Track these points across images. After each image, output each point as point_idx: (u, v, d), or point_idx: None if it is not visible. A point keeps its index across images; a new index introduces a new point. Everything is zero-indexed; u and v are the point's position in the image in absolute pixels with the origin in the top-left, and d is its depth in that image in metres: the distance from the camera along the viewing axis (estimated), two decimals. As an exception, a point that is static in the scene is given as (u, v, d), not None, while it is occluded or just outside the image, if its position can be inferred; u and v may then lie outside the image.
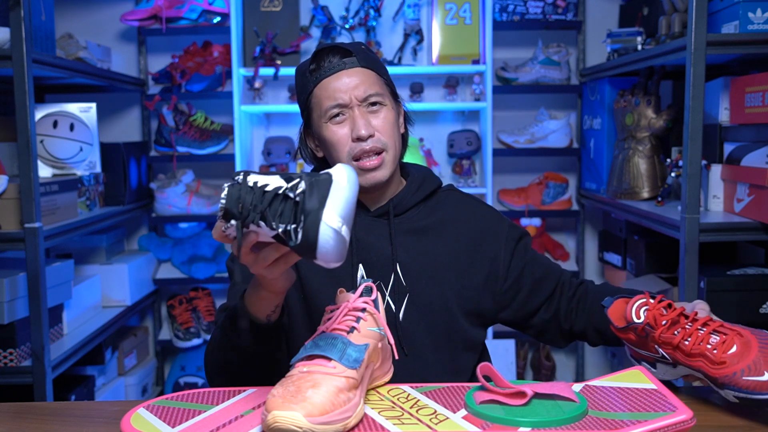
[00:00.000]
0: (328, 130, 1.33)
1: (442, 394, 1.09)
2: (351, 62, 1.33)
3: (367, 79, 1.33)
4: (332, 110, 1.32)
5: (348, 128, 1.32)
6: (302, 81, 1.37)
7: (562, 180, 3.10)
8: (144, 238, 3.18)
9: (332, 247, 0.93)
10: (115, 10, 3.13)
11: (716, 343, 1.08)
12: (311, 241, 0.93)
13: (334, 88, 1.32)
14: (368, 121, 1.32)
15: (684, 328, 1.11)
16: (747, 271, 2.16)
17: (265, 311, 1.15)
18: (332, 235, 0.93)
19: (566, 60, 3.05)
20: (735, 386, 1.04)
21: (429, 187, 1.43)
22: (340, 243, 0.94)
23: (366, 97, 1.32)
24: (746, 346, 1.06)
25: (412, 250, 1.37)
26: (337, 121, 1.33)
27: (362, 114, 1.32)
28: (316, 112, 1.35)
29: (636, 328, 1.15)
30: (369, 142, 1.31)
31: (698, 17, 1.94)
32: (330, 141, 1.33)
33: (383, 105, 1.34)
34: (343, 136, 1.32)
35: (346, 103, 1.32)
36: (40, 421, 1.12)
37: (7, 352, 2.15)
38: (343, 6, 3.07)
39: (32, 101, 2.07)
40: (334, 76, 1.32)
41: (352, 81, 1.32)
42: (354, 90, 1.31)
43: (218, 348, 1.25)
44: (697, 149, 1.99)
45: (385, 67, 1.41)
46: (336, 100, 1.31)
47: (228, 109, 3.05)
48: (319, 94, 1.33)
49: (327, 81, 1.32)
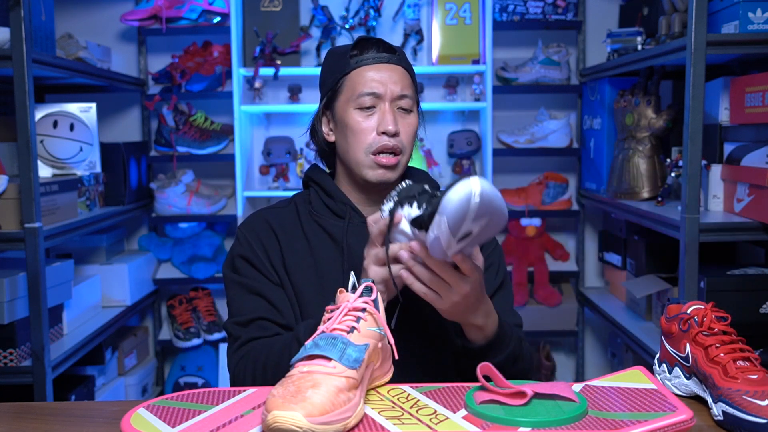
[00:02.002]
0: (353, 116, 1.32)
1: (442, 394, 1.09)
2: (395, 59, 1.34)
3: (404, 79, 1.34)
4: (365, 98, 1.31)
5: (375, 121, 1.31)
6: (338, 61, 1.35)
7: (562, 180, 3.10)
8: (144, 238, 3.18)
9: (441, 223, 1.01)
10: (115, 10, 3.13)
11: (742, 365, 1.09)
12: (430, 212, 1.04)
13: (372, 77, 1.31)
14: (397, 119, 1.32)
15: (724, 343, 1.12)
16: (747, 271, 2.16)
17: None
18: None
19: (566, 60, 3.05)
20: (730, 401, 1.04)
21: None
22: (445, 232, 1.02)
23: (401, 95, 1.32)
24: (765, 382, 1.06)
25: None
26: (367, 111, 1.32)
27: (392, 111, 1.32)
28: (346, 94, 1.33)
29: (682, 319, 1.16)
30: (393, 139, 1.31)
31: (698, 17, 1.94)
32: (352, 128, 1.32)
33: (411, 111, 1.35)
34: (367, 127, 1.32)
35: (381, 95, 1.31)
36: (40, 421, 1.12)
37: (7, 352, 2.15)
38: (343, 6, 3.07)
39: (32, 101, 2.07)
40: (377, 66, 1.32)
41: (393, 76, 1.32)
42: (392, 85, 1.31)
43: (264, 375, 1.23)
44: (697, 149, 1.99)
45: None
46: (372, 89, 1.31)
47: (228, 109, 3.05)
48: (354, 78, 1.32)
49: (368, 68, 1.32)
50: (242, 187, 2.96)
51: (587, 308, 3.16)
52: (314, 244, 1.36)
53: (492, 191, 1.00)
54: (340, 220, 1.37)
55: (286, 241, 1.37)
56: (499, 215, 1.04)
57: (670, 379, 1.21)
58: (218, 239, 3.16)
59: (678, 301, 1.24)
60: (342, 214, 1.37)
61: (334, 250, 1.35)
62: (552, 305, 3.10)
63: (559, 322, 3.13)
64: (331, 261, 1.35)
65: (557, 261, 3.19)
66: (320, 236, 1.36)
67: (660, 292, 2.53)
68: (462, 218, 1.00)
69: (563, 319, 3.14)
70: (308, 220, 1.39)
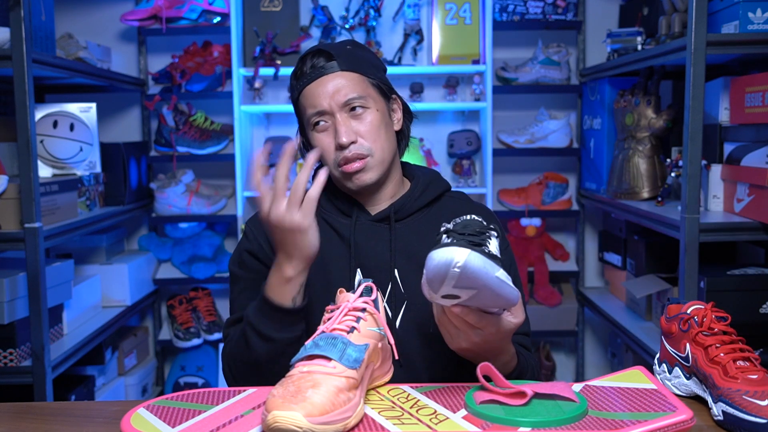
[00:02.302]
0: (314, 138, 1.33)
1: (442, 394, 1.09)
2: (331, 67, 1.31)
3: (348, 83, 1.31)
4: (314, 118, 1.31)
5: (330, 135, 1.31)
6: (290, 87, 1.37)
7: (562, 180, 3.10)
8: (144, 238, 3.18)
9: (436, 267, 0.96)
10: (115, 10, 3.13)
11: (742, 365, 1.08)
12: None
13: (314, 95, 1.30)
14: (350, 127, 1.30)
15: (724, 343, 1.11)
16: (747, 271, 2.16)
17: (291, 293, 1.19)
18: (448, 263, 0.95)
19: (566, 60, 3.05)
20: (730, 401, 1.04)
21: (434, 192, 1.40)
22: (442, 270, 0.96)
23: (346, 102, 1.30)
24: (765, 382, 1.06)
25: (412, 256, 1.34)
26: (321, 128, 1.31)
27: (344, 120, 1.30)
28: (304, 118, 1.35)
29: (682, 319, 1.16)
30: (351, 149, 1.29)
31: (698, 17, 1.94)
32: (318, 149, 1.32)
33: (366, 108, 1.32)
34: (327, 145, 1.31)
35: (327, 110, 1.30)
36: (40, 421, 1.12)
37: (7, 352, 2.15)
38: (343, 6, 3.07)
39: (32, 101, 2.07)
40: (315, 83, 1.31)
41: (332, 86, 1.30)
42: (334, 96, 1.29)
43: (244, 353, 1.24)
44: (697, 149, 1.99)
45: (375, 63, 1.37)
46: (316, 108, 1.30)
47: (228, 109, 3.05)
48: (302, 102, 1.33)
49: (309, 88, 1.31)
50: (242, 187, 2.96)
51: (587, 308, 3.16)
52: (322, 240, 1.36)
53: (480, 268, 0.94)
54: (348, 218, 1.37)
55: None
56: (491, 292, 0.98)
57: (670, 379, 1.21)
58: (218, 239, 3.16)
59: (678, 301, 1.24)
60: (349, 212, 1.37)
61: (342, 248, 1.35)
62: (552, 305, 3.10)
63: (559, 322, 3.13)
64: (339, 258, 1.35)
65: (557, 261, 3.19)
66: (328, 233, 1.36)
67: (660, 292, 2.53)
68: (440, 281, 0.97)
69: (563, 319, 3.14)
70: (316, 216, 1.38)
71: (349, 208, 1.37)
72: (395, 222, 1.36)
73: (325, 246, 1.34)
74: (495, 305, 1.04)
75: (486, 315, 1.06)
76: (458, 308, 1.04)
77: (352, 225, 1.35)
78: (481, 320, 1.06)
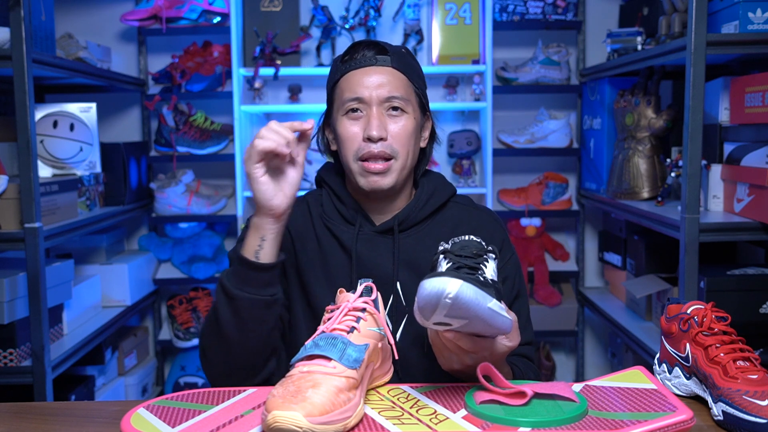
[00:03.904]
0: (342, 124, 1.30)
1: (442, 394, 1.09)
2: (383, 60, 1.29)
3: (395, 80, 1.29)
4: (350, 103, 1.28)
5: (361, 126, 1.28)
6: (333, 69, 1.34)
7: (562, 180, 3.10)
8: (144, 238, 3.18)
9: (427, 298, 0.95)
10: (115, 10, 3.13)
11: (742, 365, 1.08)
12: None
13: (357, 82, 1.28)
14: (383, 123, 1.27)
15: (724, 343, 1.11)
16: (747, 271, 2.16)
17: (253, 246, 1.18)
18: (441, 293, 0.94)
19: (566, 60, 3.05)
20: (730, 401, 1.04)
21: (438, 201, 1.38)
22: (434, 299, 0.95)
23: (388, 98, 1.28)
24: (765, 382, 1.06)
25: (415, 269, 1.32)
26: (353, 116, 1.29)
27: (379, 115, 1.27)
28: (337, 102, 1.31)
29: (682, 319, 1.16)
30: (379, 145, 1.27)
31: (698, 17, 1.94)
32: (342, 136, 1.30)
33: (405, 112, 1.30)
34: (354, 134, 1.28)
35: (366, 99, 1.27)
36: (40, 421, 1.12)
37: (7, 352, 2.15)
38: (343, 6, 3.07)
39: (32, 101, 2.07)
40: (363, 70, 1.29)
41: (379, 79, 1.28)
42: (378, 88, 1.27)
43: (212, 316, 1.22)
44: (697, 149, 1.99)
45: (422, 76, 1.36)
46: (356, 93, 1.28)
47: (228, 109, 3.05)
48: (342, 86, 1.30)
49: (354, 73, 1.29)
50: (242, 187, 2.96)
51: (587, 308, 3.16)
52: (325, 247, 1.35)
53: (472, 299, 0.93)
54: (351, 227, 1.35)
55: (299, 240, 1.36)
56: (483, 322, 0.98)
57: (670, 379, 1.21)
58: (218, 239, 3.16)
59: (678, 301, 1.24)
60: (353, 221, 1.35)
61: (345, 258, 1.34)
62: (552, 305, 3.10)
63: (559, 322, 3.13)
64: (341, 267, 1.33)
65: (557, 261, 3.19)
66: (331, 243, 1.35)
67: (660, 292, 2.53)
68: (431, 310, 0.95)
69: (563, 319, 3.14)
70: (319, 222, 1.37)
71: (353, 216, 1.35)
72: (399, 233, 1.34)
73: (328, 255, 1.34)
74: (487, 333, 1.04)
75: (479, 340, 1.05)
76: (451, 334, 1.04)
77: (355, 236, 1.33)
78: (474, 345, 1.05)
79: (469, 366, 1.08)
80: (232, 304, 1.19)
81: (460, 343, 1.05)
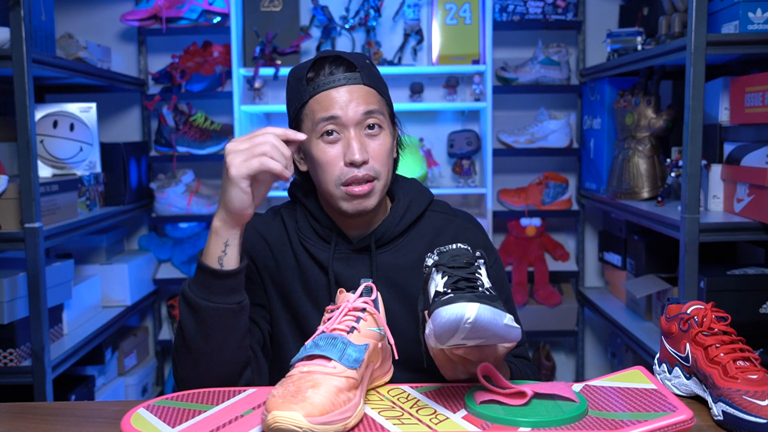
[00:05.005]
0: (318, 147, 1.23)
1: (442, 394, 1.09)
2: (354, 78, 1.23)
3: (368, 96, 1.24)
4: (325, 124, 1.22)
5: (341, 149, 1.22)
6: (297, 88, 1.26)
7: (562, 180, 3.10)
8: (144, 238, 3.18)
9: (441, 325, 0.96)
10: (115, 10, 3.13)
11: (742, 365, 1.08)
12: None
13: (331, 102, 1.21)
14: (364, 145, 1.22)
15: (724, 343, 1.11)
16: (747, 271, 2.16)
17: (216, 252, 1.15)
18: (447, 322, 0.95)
19: (566, 60, 3.05)
20: (730, 401, 1.04)
21: (415, 213, 1.34)
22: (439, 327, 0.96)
23: (365, 117, 1.22)
24: (765, 382, 1.06)
25: (394, 285, 1.30)
26: (330, 139, 1.22)
27: (358, 136, 1.22)
28: (307, 124, 1.25)
29: (682, 319, 1.16)
30: (362, 168, 1.22)
31: (698, 17, 1.94)
32: (319, 160, 1.23)
33: (382, 129, 1.25)
34: (334, 157, 1.22)
35: (342, 119, 1.21)
36: (40, 421, 1.12)
37: (7, 352, 2.15)
38: (343, 6, 3.07)
39: (32, 101, 2.07)
40: (335, 90, 1.22)
41: (352, 98, 1.22)
42: (354, 106, 1.22)
43: (179, 330, 1.19)
44: (697, 149, 1.99)
45: (385, 82, 1.32)
46: (330, 114, 1.21)
47: (228, 109, 3.05)
48: (313, 107, 1.23)
49: (326, 94, 1.22)
50: (242, 187, 2.96)
51: (587, 308, 3.16)
52: (303, 265, 1.32)
53: (490, 319, 0.94)
54: (327, 246, 1.32)
55: (279, 253, 1.34)
56: (499, 339, 0.99)
57: (670, 379, 1.21)
58: (218, 239, 3.15)
59: (678, 301, 1.24)
60: (328, 239, 1.32)
61: (322, 276, 1.31)
62: (552, 305, 3.10)
63: (559, 322, 3.13)
64: (321, 285, 1.31)
65: (557, 261, 3.19)
66: (309, 263, 1.32)
67: (660, 292, 2.53)
68: (449, 336, 0.96)
69: (563, 319, 3.14)
70: (296, 239, 1.33)
71: (328, 234, 1.32)
72: (376, 248, 1.31)
73: (307, 272, 1.31)
74: (504, 342, 1.04)
75: (485, 348, 1.05)
76: (461, 350, 1.04)
77: (331, 254, 1.30)
78: (482, 355, 1.06)
79: (474, 373, 1.08)
80: (197, 315, 1.15)
81: (470, 356, 1.05)
